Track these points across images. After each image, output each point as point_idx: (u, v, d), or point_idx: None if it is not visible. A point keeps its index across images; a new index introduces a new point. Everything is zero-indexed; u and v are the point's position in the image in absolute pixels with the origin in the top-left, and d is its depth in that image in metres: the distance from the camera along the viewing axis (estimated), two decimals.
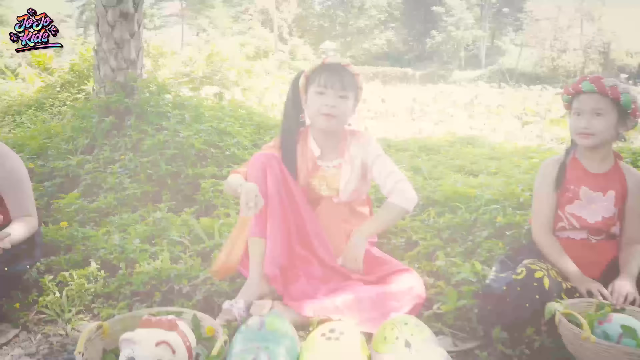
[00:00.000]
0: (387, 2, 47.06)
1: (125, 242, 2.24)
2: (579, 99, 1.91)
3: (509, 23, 49.42)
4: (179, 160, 3.19)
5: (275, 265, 1.87)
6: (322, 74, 1.97)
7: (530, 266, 1.77)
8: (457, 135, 6.29)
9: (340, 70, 1.99)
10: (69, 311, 1.86)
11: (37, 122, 6.12)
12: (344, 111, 2.00)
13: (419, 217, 2.59)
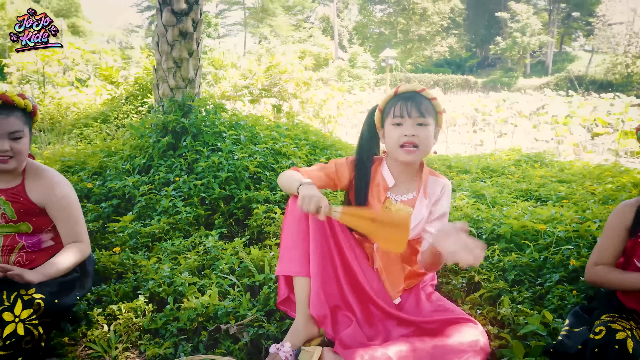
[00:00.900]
0: (450, 8, 46.26)
1: (175, 273, 2.20)
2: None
3: (579, 28, 47.52)
4: (233, 183, 3.15)
5: (320, 305, 1.76)
6: (396, 104, 1.84)
7: (611, 325, 1.58)
8: (522, 152, 5.98)
9: (416, 97, 1.85)
10: (115, 348, 1.82)
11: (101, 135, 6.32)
12: (426, 139, 1.85)
13: None
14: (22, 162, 1.99)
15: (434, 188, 1.94)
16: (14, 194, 1.99)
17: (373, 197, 1.96)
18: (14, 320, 1.71)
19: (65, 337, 1.87)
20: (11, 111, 1.92)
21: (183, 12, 3.76)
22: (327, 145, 4.06)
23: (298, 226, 1.82)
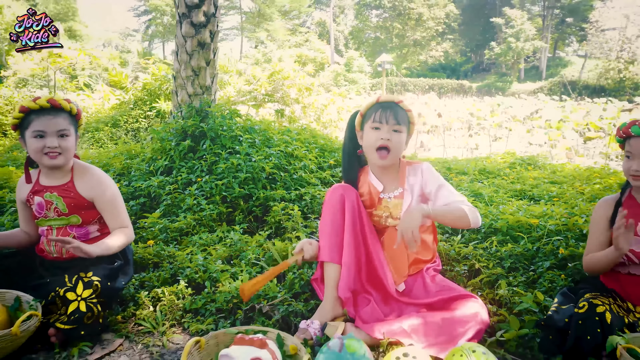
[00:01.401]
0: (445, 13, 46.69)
1: (208, 262, 2.47)
2: (629, 142, 1.98)
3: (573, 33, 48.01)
4: (251, 183, 3.42)
5: (348, 289, 2.03)
6: (377, 111, 2.12)
7: (592, 300, 1.85)
8: (516, 155, 6.27)
9: (394, 107, 2.14)
10: (162, 324, 2.09)
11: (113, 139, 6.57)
12: (398, 144, 2.14)
13: (481, 245, 2.68)
14: (69, 159, 2.24)
15: (414, 176, 2.22)
16: (64, 190, 2.24)
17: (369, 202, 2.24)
18: (77, 299, 1.97)
19: (118, 315, 2.13)
20: (58, 113, 2.18)
21: (201, 24, 4.04)
22: (335, 149, 4.34)
23: (333, 219, 2.09)
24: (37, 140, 2.13)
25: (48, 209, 2.23)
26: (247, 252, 2.60)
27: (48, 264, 2.28)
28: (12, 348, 1.85)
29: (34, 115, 2.13)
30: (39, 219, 2.26)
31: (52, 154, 2.14)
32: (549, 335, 1.89)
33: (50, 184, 2.25)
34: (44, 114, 2.13)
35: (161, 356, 1.89)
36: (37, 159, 2.17)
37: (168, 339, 2.00)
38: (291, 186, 3.52)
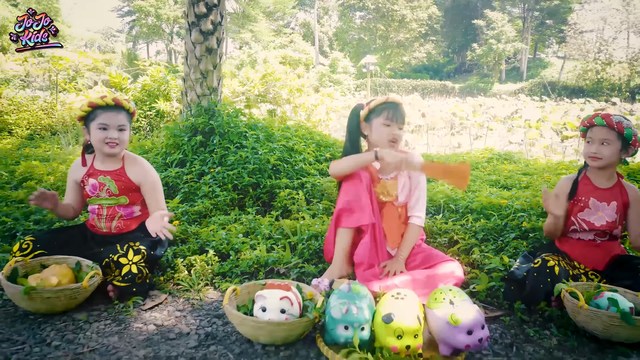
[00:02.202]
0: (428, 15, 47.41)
1: (229, 236, 2.92)
2: (592, 130, 2.48)
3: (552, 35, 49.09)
4: (258, 173, 3.87)
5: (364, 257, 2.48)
6: (388, 110, 2.59)
7: (545, 257, 2.35)
8: (494, 151, 6.80)
9: (399, 108, 2.61)
10: (197, 284, 2.53)
11: None
12: (402, 139, 2.63)
13: (459, 222, 3.17)
14: (123, 149, 2.68)
15: None
16: (117, 175, 2.68)
17: None
18: (129, 263, 2.41)
19: (161, 277, 2.58)
20: (120, 110, 2.62)
21: (209, 31, 4.48)
22: (329, 144, 4.81)
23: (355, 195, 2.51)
24: (101, 132, 2.56)
25: (101, 189, 2.67)
26: (262, 228, 3.06)
27: (99, 237, 2.71)
28: (81, 300, 2.28)
29: (99, 110, 2.56)
30: (91, 198, 2.69)
31: (112, 143, 2.58)
32: (510, 286, 2.38)
33: (104, 169, 2.68)
34: (108, 110, 2.56)
35: (201, 306, 2.34)
36: (99, 147, 2.60)
37: (204, 295, 2.45)
38: (293, 176, 3.98)
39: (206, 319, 2.22)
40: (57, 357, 1.86)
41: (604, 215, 2.49)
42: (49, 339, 2.01)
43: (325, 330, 1.94)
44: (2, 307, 2.32)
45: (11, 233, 3.16)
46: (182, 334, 2.08)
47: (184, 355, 1.90)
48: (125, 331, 2.09)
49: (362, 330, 1.88)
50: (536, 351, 1.99)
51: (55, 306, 2.20)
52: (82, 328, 2.11)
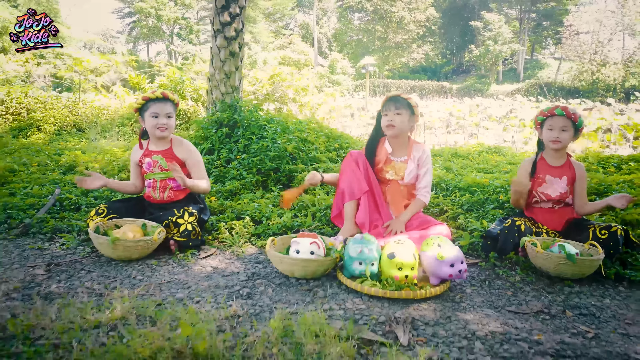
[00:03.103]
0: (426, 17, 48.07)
1: (261, 207, 3.56)
2: (552, 119, 3.11)
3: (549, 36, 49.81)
4: (278, 159, 4.51)
5: (364, 217, 3.13)
6: (384, 105, 3.24)
7: (514, 218, 3.00)
8: (484, 145, 7.45)
9: (395, 98, 3.25)
10: (238, 242, 3.18)
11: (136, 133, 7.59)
12: (400, 122, 3.25)
13: (449, 198, 3.82)
14: (171, 133, 3.31)
15: (417, 152, 3.34)
16: (166, 153, 3.31)
17: (381, 160, 3.35)
18: (185, 222, 3.05)
19: (209, 237, 3.22)
20: (167, 102, 3.26)
21: (232, 37, 5.12)
22: (337, 136, 5.45)
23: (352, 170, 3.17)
24: (153, 119, 3.20)
25: (154, 166, 3.30)
26: None
27: (155, 206, 3.35)
28: (151, 250, 2.92)
29: (151, 102, 3.21)
30: (147, 174, 3.33)
31: (162, 128, 3.22)
32: (487, 241, 3.03)
33: (157, 150, 3.32)
34: (158, 102, 3.20)
35: (244, 256, 2.98)
36: (152, 131, 3.24)
37: (244, 249, 3.10)
38: (308, 162, 4.62)
39: (250, 264, 2.86)
40: (144, 285, 2.50)
41: (557, 188, 3.13)
42: (133, 275, 2.65)
43: (344, 266, 2.58)
44: (88, 255, 2.96)
45: (76, 206, 3.80)
46: (233, 272, 2.72)
47: (238, 284, 2.53)
48: (189, 271, 2.73)
49: (372, 266, 2.53)
50: (503, 284, 2.63)
51: (132, 254, 2.84)
52: (155, 269, 2.75)
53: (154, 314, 2.06)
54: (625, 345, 2.00)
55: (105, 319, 2.02)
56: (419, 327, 2.09)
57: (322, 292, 2.46)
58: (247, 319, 2.10)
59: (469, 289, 2.58)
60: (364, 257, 2.52)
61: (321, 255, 2.61)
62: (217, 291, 2.44)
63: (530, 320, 2.21)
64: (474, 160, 5.78)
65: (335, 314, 2.18)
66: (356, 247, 2.55)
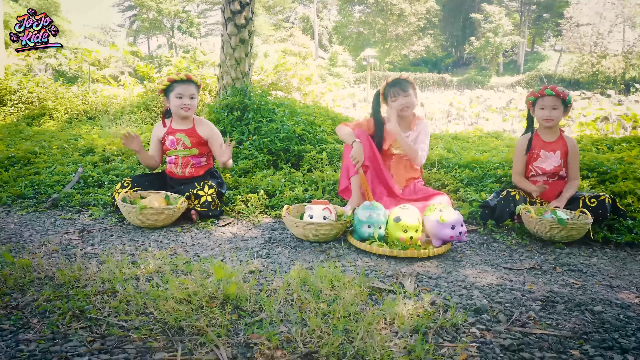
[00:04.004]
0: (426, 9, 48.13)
1: (273, 182, 3.80)
2: (543, 99, 3.33)
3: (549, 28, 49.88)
4: (287, 140, 4.74)
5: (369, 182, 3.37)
6: (391, 89, 3.46)
7: (509, 189, 3.24)
8: (483, 131, 7.68)
9: (399, 82, 3.47)
10: (254, 212, 3.42)
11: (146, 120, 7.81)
12: (412, 103, 3.48)
13: (450, 174, 4.06)
14: (193, 113, 3.54)
15: (419, 126, 3.57)
16: (189, 132, 3.55)
17: (387, 136, 3.58)
18: (205, 195, 3.29)
19: (226, 207, 3.46)
20: (190, 83, 3.49)
21: (242, 25, 5.34)
22: (343, 119, 5.68)
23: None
24: (178, 100, 3.43)
25: (177, 143, 3.54)
26: (297, 177, 3.94)
27: (176, 180, 3.58)
28: (174, 219, 3.16)
29: (176, 84, 3.43)
30: (170, 150, 3.57)
31: (186, 108, 3.45)
32: (485, 211, 3.27)
33: (180, 128, 3.55)
34: (182, 83, 3.43)
35: (260, 225, 3.22)
36: (176, 111, 3.47)
37: (260, 219, 3.34)
38: (315, 143, 4.85)
39: (266, 231, 3.10)
40: (171, 247, 2.74)
41: (552, 162, 3.36)
42: (160, 239, 2.89)
43: (354, 230, 2.82)
44: (116, 224, 3.20)
45: (98, 183, 4.04)
46: (251, 237, 2.96)
47: (257, 247, 2.78)
48: (211, 236, 2.97)
49: (380, 229, 2.77)
50: (500, 247, 2.87)
51: (158, 221, 3.08)
52: (179, 235, 2.99)
53: (184, 268, 2.31)
54: (608, 293, 2.24)
55: (141, 272, 2.26)
56: (423, 279, 2.33)
57: (334, 253, 2.70)
58: (268, 273, 2.34)
59: (469, 250, 2.82)
60: (372, 220, 2.76)
61: (333, 220, 2.85)
62: (239, 252, 2.68)
63: (524, 274, 2.45)
64: (473, 144, 6.01)
65: (347, 270, 2.42)
66: (365, 212, 2.79)
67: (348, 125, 3.56)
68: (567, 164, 3.38)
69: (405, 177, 3.58)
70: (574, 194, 3.30)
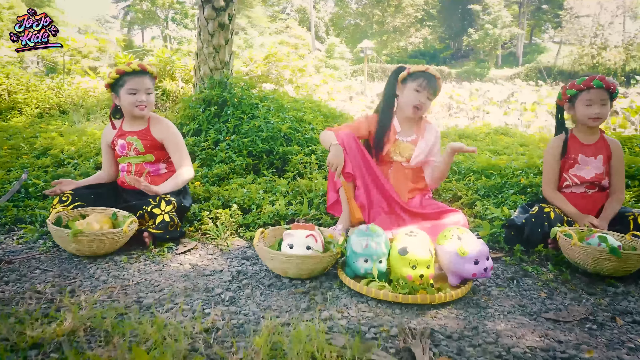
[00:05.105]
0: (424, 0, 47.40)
1: (250, 194, 3.14)
2: (589, 92, 2.66)
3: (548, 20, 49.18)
4: (271, 141, 4.08)
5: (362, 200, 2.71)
6: (423, 78, 2.78)
7: (542, 205, 2.59)
8: (490, 126, 7.03)
9: (433, 79, 2.80)
10: (223, 234, 2.76)
11: None
12: (427, 108, 2.83)
13: (462, 182, 3.40)
14: (150, 111, 2.88)
15: (430, 133, 2.92)
16: (143, 134, 2.89)
17: (386, 138, 2.92)
18: (162, 213, 2.63)
19: (191, 227, 2.81)
20: (145, 75, 2.82)
21: (221, 8, 4.66)
22: (337, 116, 5.02)
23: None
24: (131, 96, 2.77)
25: (129, 149, 2.88)
26: (279, 187, 3.28)
27: (130, 192, 2.92)
28: (121, 244, 2.51)
29: (127, 76, 2.77)
30: (121, 157, 2.91)
31: (141, 106, 2.79)
32: (511, 232, 2.62)
33: (132, 130, 2.89)
34: (135, 76, 2.77)
35: (229, 251, 2.57)
36: (129, 110, 2.81)
37: (230, 242, 2.68)
38: (304, 144, 4.19)
39: (235, 260, 2.45)
40: (107, 288, 2.09)
41: (592, 168, 2.72)
42: (96, 275, 2.24)
43: (347, 264, 2.17)
44: (47, 251, 2.54)
45: (43, 194, 3.37)
46: (215, 271, 2.31)
47: (220, 286, 2.12)
48: (164, 269, 2.32)
49: (380, 263, 2.12)
50: (535, 283, 2.23)
51: (99, 249, 2.42)
52: (124, 267, 2.34)
53: (111, 328, 1.65)
54: None
55: (49, 334, 1.61)
56: (440, 342, 1.68)
57: (320, 296, 2.05)
58: (228, 333, 1.70)
59: (495, 289, 2.17)
60: (370, 252, 2.11)
61: (319, 251, 2.20)
62: (195, 295, 2.03)
63: (575, 330, 1.81)
64: (482, 142, 5.36)
65: (336, 325, 1.77)
66: (361, 241, 2.14)
67: (334, 128, 2.91)
68: (610, 172, 2.73)
69: (407, 188, 2.93)
70: (618, 210, 2.66)
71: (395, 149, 2.89)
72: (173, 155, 2.94)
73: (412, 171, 2.95)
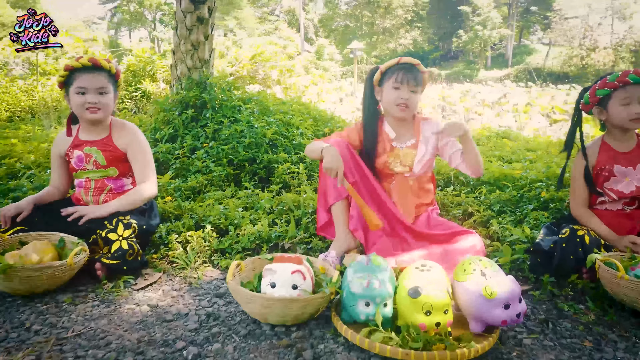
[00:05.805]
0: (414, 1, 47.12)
1: (228, 211, 2.69)
2: (626, 89, 2.24)
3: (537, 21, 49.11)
4: (254, 147, 3.64)
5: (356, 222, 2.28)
6: (398, 72, 2.37)
7: (574, 227, 2.17)
8: (492, 129, 6.63)
9: (412, 69, 2.39)
10: (195, 262, 2.31)
11: None
12: (414, 102, 2.40)
13: (472, 195, 2.98)
14: (107, 115, 2.42)
15: (429, 129, 2.49)
16: (104, 144, 2.43)
17: (381, 149, 2.49)
18: (119, 239, 2.18)
19: (155, 254, 2.35)
20: (99, 71, 2.36)
21: (200, 0, 4.20)
22: (327, 119, 4.58)
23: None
24: (80, 97, 2.31)
25: (87, 161, 2.42)
26: (262, 203, 2.83)
27: None
28: (65, 280, 2.05)
29: (77, 73, 2.31)
30: (78, 172, 2.45)
31: (92, 109, 2.33)
32: (537, 258, 2.19)
33: (90, 139, 2.44)
34: (86, 72, 2.31)
35: (199, 285, 2.12)
36: (79, 113, 2.35)
37: (202, 273, 2.23)
38: (291, 151, 3.75)
39: (206, 298, 2.00)
40: (37, 342, 1.63)
41: (632, 180, 2.30)
42: (28, 322, 1.78)
43: (343, 307, 1.73)
44: None
45: None
46: (179, 315, 1.86)
47: (183, 338, 1.68)
48: (115, 313, 1.86)
49: (385, 307, 1.68)
50: (574, 327, 1.80)
51: (36, 286, 1.96)
52: (66, 310, 1.88)
53: None
54: None
55: None
56: None
57: (309, 351, 1.60)
58: None
59: (527, 337, 1.74)
60: (372, 293, 1.67)
61: (308, 291, 1.76)
62: (149, 352, 1.58)
63: None
64: (485, 146, 4.95)
65: None
66: (361, 279, 1.70)
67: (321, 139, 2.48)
68: None
69: (413, 204, 2.50)
70: None
71: (394, 159, 2.47)
72: (134, 165, 2.48)
73: (418, 183, 2.53)
